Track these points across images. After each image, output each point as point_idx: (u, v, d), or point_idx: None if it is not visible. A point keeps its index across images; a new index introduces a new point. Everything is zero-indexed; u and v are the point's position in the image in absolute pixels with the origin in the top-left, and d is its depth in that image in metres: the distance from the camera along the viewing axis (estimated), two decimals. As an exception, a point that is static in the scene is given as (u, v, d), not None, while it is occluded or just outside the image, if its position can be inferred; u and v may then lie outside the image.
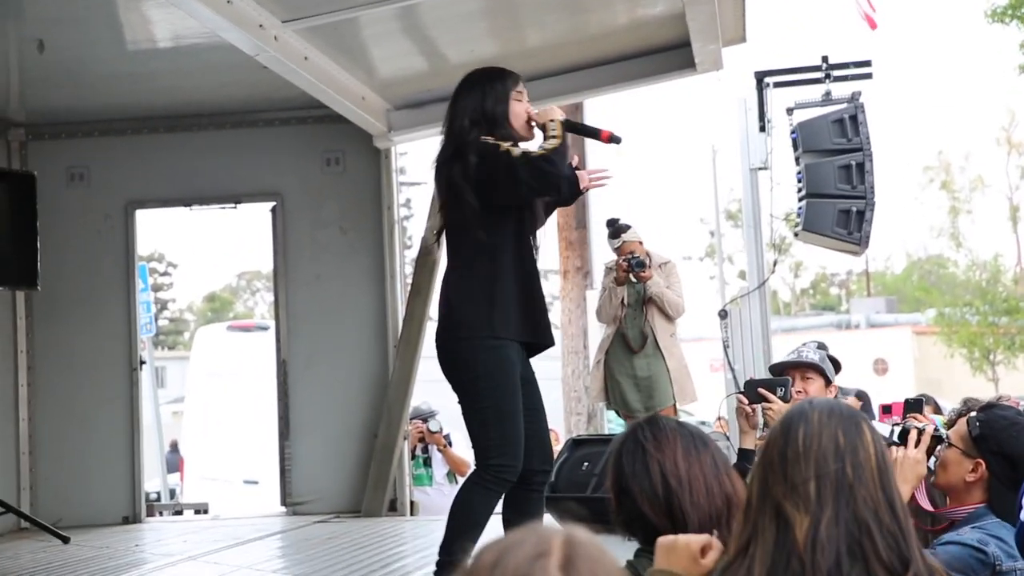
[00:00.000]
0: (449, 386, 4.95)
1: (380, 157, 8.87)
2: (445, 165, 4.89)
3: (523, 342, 4.89)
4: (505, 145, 4.79)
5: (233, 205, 9.17)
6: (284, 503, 8.88)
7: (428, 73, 8.25)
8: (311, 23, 6.78)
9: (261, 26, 6.48)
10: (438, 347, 4.87)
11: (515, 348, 4.84)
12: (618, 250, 8.36)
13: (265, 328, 12.68)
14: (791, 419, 2.35)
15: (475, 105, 4.91)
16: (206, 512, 10.76)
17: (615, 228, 8.42)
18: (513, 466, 4.71)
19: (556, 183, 4.84)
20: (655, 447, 2.71)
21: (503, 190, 4.78)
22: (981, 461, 3.64)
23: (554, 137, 4.79)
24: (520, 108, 4.95)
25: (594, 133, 5.02)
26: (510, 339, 4.81)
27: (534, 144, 4.94)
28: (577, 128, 5.14)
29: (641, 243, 8.39)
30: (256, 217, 9.67)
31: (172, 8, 6.26)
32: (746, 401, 4.60)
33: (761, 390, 4.64)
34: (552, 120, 4.84)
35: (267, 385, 9.23)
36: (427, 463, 9.56)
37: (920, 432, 3.61)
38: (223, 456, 12.81)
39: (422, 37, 7.72)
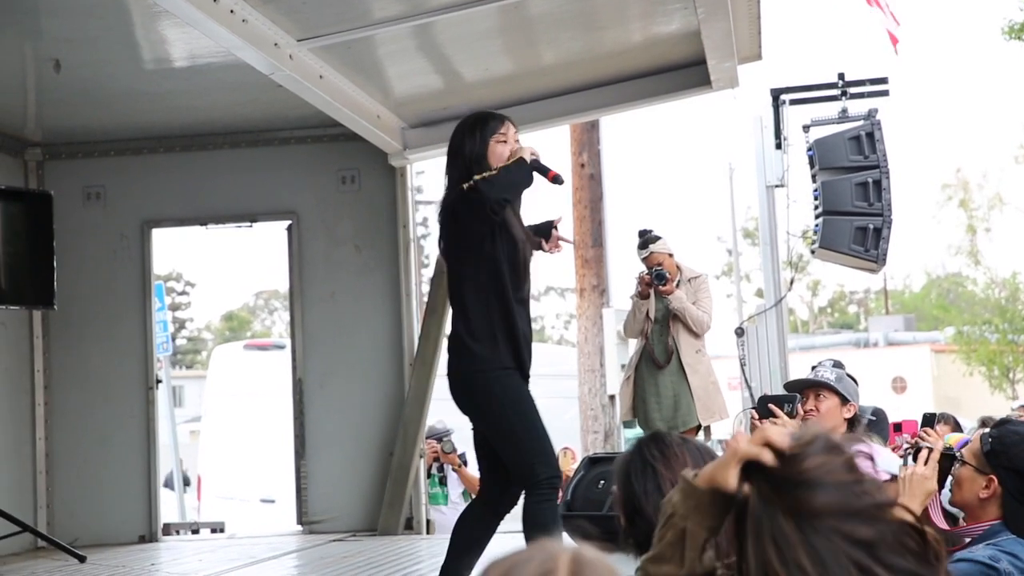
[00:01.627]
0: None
1: (395, 175, 8.88)
2: (444, 211, 5.21)
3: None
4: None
5: (249, 224, 9.18)
6: (300, 521, 8.86)
7: (443, 91, 8.27)
8: (326, 41, 6.79)
9: (276, 45, 6.50)
10: (454, 380, 5.12)
11: (520, 378, 5.11)
12: (645, 261, 8.09)
13: (282, 347, 12.67)
14: None
15: (457, 151, 5.22)
16: (222, 531, 10.74)
17: (644, 239, 8.14)
18: (558, 475, 4.98)
19: (488, 208, 5.03)
20: (664, 465, 2.68)
21: (482, 227, 5.04)
22: (993, 477, 3.63)
23: (499, 168, 5.08)
24: (502, 150, 5.18)
25: (543, 172, 5.19)
26: (513, 369, 5.07)
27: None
28: (537, 167, 5.23)
29: (671, 255, 8.12)
30: (272, 236, 9.68)
31: (188, 27, 6.29)
32: (757, 417, 4.59)
33: (771, 405, 4.64)
34: (509, 158, 5.13)
35: (284, 403, 9.23)
36: (442, 482, 9.53)
37: (930, 451, 3.60)
38: (240, 475, 12.80)
39: (437, 55, 7.73)
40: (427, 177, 44.03)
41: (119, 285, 8.99)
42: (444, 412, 8.96)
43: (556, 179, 5.23)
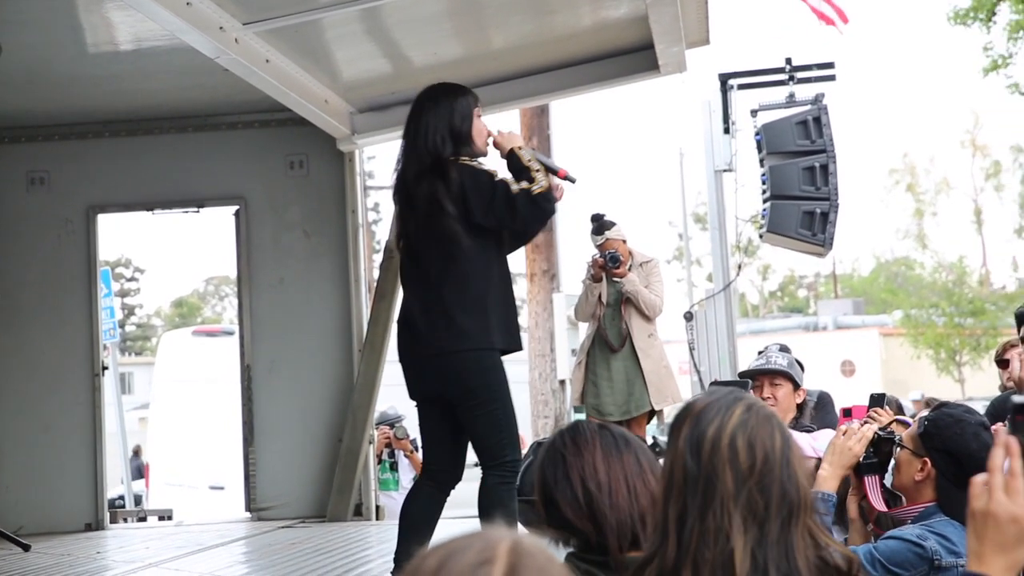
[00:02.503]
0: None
1: (344, 160, 8.84)
2: (423, 179, 5.00)
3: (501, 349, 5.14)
4: (499, 174, 5.02)
5: (196, 209, 9.11)
6: (249, 508, 8.82)
7: (392, 76, 8.22)
8: (272, 25, 6.73)
9: (221, 28, 6.43)
10: (438, 358, 5.02)
11: (499, 354, 5.10)
12: (600, 247, 8.10)
13: (231, 333, 12.58)
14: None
15: (444, 122, 5.07)
16: (170, 518, 10.68)
17: (599, 224, 8.07)
18: (520, 460, 4.96)
19: (546, 220, 5.24)
20: (574, 454, 2.69)
21: (497, 217, 4.99)
22: (927, 460, 3.68)
23: (538, 171, 5.02)
24: (481, 126, 5.16)
25: (552, 170, 5.14)
26: (498, 349, 5.07)
27: (493, 165, 5.13)
28: (540, 161, 5.20)
29: (624, 242, 8.09)
30: (221, 221, 9.60)
31: (132, 10, 6.21)
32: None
33: None
34: (521, 149, 5.09)
35: (233, 390, 9.18)
36: (393, 467, 9.50)
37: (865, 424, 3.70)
38: (189, 462, 12.72)
39: (385, 39, 7.68)
40: (378, 162, 43.90)
41: (64, 271, 8.90)
42: (395, 398, 8.94)
43: (567, 178, 5.21)
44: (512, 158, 5.09)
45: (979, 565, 2.04)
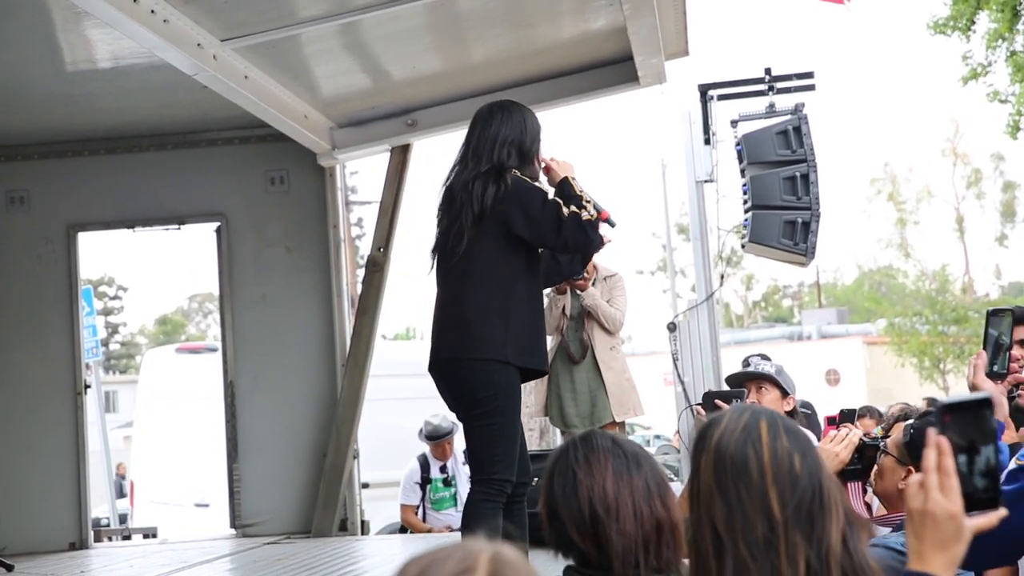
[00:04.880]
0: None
1: (325, 175, 8.83)
2: (476, 182, 5.05)
3: (521, 368, 5.10)
4: (552, 195, 5.09)
5: (177, 226, 9.09)
6: (234, 525, 8.79)
7: (371, 90, 8.23)
8: (250, 41, 6.73)
9: (199, 45, 6.43)
10: (448, 364, 5.06)
11: (517, 374, 5.07)
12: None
13: (214, 349, 12.54)
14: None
15: (515, 137, 5.16)
16: (155, 536, 10.64)
17: None
18: (511, 480, 4.98)
19: (591, 250, 5.32)
20: (585, 471, 2.62)
21: (540, 232, 5.03)
22: (911, 468, 3.68)
23: (588, 202, 5.09)
24: (541, 152, 5.26)
25: (598, 209, 5.19)
26: (514, 365, 5.03)
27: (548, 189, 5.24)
28: (595, 207, 5.27)
29: None
30: (204, 238, 9.59)
31: (110, 29, 6.20)
32: (703, 413, 4.61)
33: (717, 401, 4.66)
34: (574, 179, 5.17)
35: (217, 407, 9.14)
36: (447, 483, 9.41)
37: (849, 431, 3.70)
38: (173, 479, 12.67)
39: (364, 54, 7.68)
40: (362, 177, 43.87)
41: (45, 290, 8.88)
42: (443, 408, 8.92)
43: (608, 221, 5.26)
44: (565, 185, 5.17)
45: (921, 564, 2.07)
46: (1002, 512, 2.11)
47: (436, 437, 9.17)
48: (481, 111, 5.30)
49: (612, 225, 5.29)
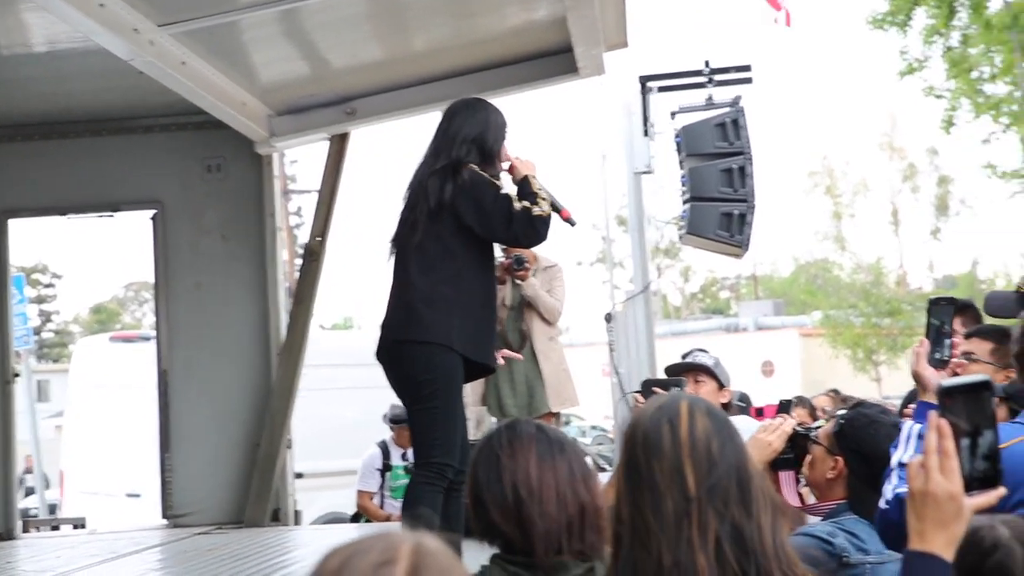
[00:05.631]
0: None
1: (262, 163, 8.76)
2: (438, 177, 5.17)
3: (466, 359, 5.18)
4: (505, 189, 5.19)
5: (111, 213, 8.99)
6: (165, 515, 8.72)
7: (310, 78, 8.17)
8: (188, 27, 6.66)
9: (136, 30, 6.36)
10: (393, 346, 5.15)
11: (461, 362, 5.14)
12: (506, 249, 8.15)
13: (148, 338, 12.40)
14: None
15: (476, 135, 5.28)
16: (84, 526, 10.52)
17: None
18: (452, 465, 5.03)
19: (536, 243, 5.36)
20: (509, 455, 2.66)
21: (489, 224, 5.14)
22: (840, 458, 3.72)
23: (544, 200, 5.21)
24: (504, 152, 5.36)
25: (556, 208, 5.32)
26: (459, 353, 5.12)
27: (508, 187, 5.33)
28: (553, 204, 5.36)
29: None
30: (140, 226, 9.48)
31: (45, 12, 6.11)
32: (642, 401, 4.62)
33: (656, 390, 4.67)
34: (534, 178, 5.28)
35: (151, 396, 9.05)
36: (408, 471, 9.34)
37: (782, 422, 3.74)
38: (105, 469, 12.53)
39: (304, 42, 7.63)
40: (301, 166, 43.62)
41: (-26, 277, 8.74)
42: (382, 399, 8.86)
43: (569, 220, 5.39)
44: (524, 183, 5.29)
45: (922, 543, 2.12)
46: (1002, 491, 2.17)
47: (399, 420, 9.08)
48: (449, 108, 5.46)
49: (572, 224, 5.44)
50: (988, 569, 2.40)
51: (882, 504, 3.12)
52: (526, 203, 5.15)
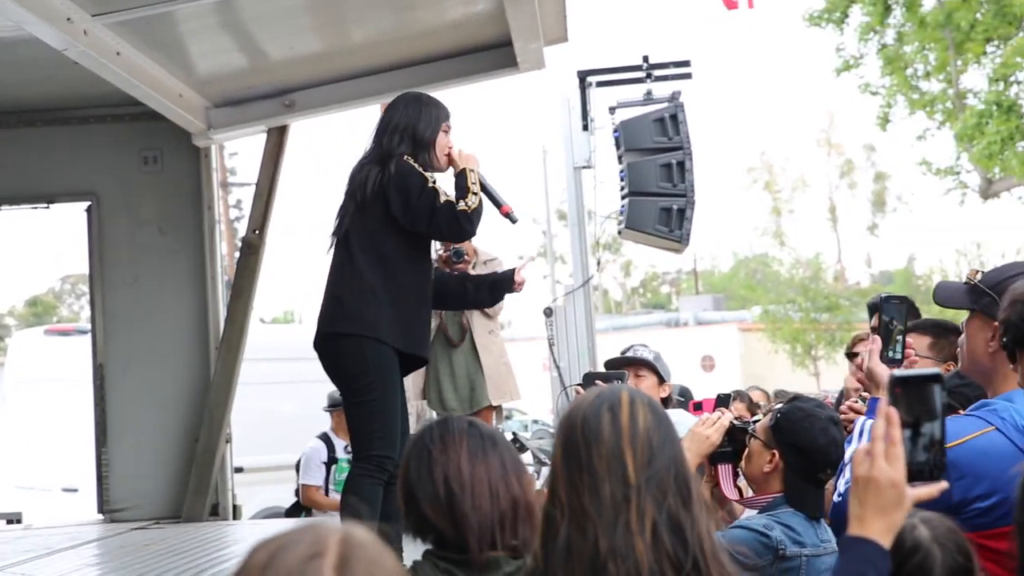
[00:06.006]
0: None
1: (200, 156, 8.69)
2: (367, 168, 5.22)
3: (400, 352, 5.18)
4: (432, 182, 5.18)
5: (46, 205, 8.88)
6: (101, 510, 8.64)
7: (248, 70, 8.11)
8: (123, 17, 6.58)
9: (69, 20, 6.27)
10: (323, 339, 5.19)
11: (394, 354, 5.14)
12: (444, 244, 8.15)
13: (85, 332, 12.28)
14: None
15: (408, 124, 5.30)
16: (19, 521, 10.40)
17: None
18: (392, 457, 5.01)
19: (461, 238, 5.45)
20: (440, 450, 2.67)
21: (413, 216, 5.14)
22: (776, 452, 3.76)
23: (475, 194, 5.21)
24: (445, 140, 5.37)
25: (496, 203, 5.38)
26: (390, 345, 5.12)
27: (446, 178, 5.36)
28: (484, 189, 5.38)
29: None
30: (76, 218, 9.38)
31: (-25, 1, 6.01)
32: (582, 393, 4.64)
33: (598, 383, 4.69)
34: (472, 171, 5.28)
35: (87, 390, 8.96)
36: None
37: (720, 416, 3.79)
38: (40, 464, 12.41)
39: (241, 33, 7.57)
40: (241, 159, 43.35)
41: (-95, 269, 8.61)
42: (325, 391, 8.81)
43: (509, 216, 5.41)
44: (460, 177, 5.30)
45: (860, 528, 2.14)
46: (943, 485, 2.20)
47: (336, 404, 8.99)
48: (391, 101, 5.54)
49: (513, 221, 5.48)
50: (908, 572, 2.44)
51: (835, 497, 3.16)
52: (451, 197, 5.15)
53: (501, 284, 5.75)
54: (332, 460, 9.10)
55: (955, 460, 3.02)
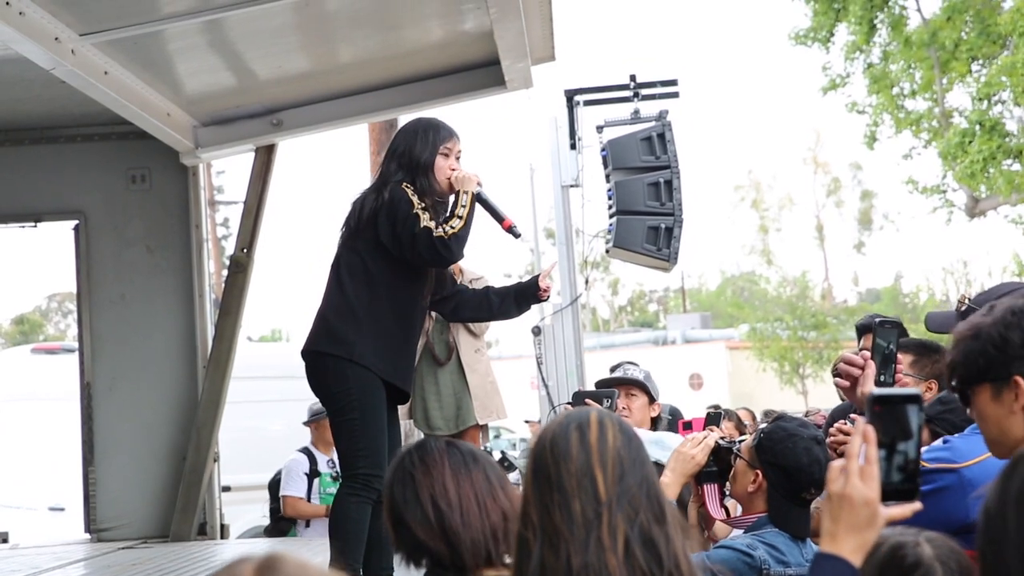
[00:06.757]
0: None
1: (188, 174, 8.69)
2: (365, 194, 5.31)
3: (383, 381, 5.20)
4: (418, 208, 5.15)
5: (33, 224, 8.88)
6: (88, 530, 8.61)
7: (236, 89, 8.13)
8: (111, 36, 6.59)
9: (57, 39, 6.28)
10: (307, 356, 5.25)
11: (378, 380, 5.16)
12: None
13: (72, 350, 12.26)
14: None
15: (405, 149, 5.32)
16: (5, 541, 10.36)
17: None
18: (379, 476, 4.97)
19: (443, 264, 5.35)
20: (423, 473, 2.67)
21: (399, 246, 5.16)
22: (759, 471, 3.76)
23: (459, 217, 5.17)
24: (445, 163, 5.33)
25: (498, 218, 5.37)
26: (370, 369, 5.14)
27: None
28: (485, 205, 5.39)
29: None
30: (63, 237, 9.37)
31: (-38, 20, 6.02)
32: (573, 413, 4.64)
33: (588, 401, 4.70)
34: (465, 192, 5.25)
35: (74, 408, 8.94)
36: (335, 479, 9.22)
37: (706, 437, 3.79)
38: (27, 483, 12.36)
39: (229, 52, 7.58)
40: (228, 177, 43.32)
41: None
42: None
43: (511, 231, 5.39)
44: (454, 200, 5.31)
45: (833, 545, 2.14)
46: (916, 505, 2.19)
47: (314, 416, 8.94)
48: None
49: (516, 235, 5.48)
50: None
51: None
52: (432, 223, 5.14)
53: (527, 294, 5.67)
54: (315, 473, 9.07)
55: (973, 478, 3.02)
